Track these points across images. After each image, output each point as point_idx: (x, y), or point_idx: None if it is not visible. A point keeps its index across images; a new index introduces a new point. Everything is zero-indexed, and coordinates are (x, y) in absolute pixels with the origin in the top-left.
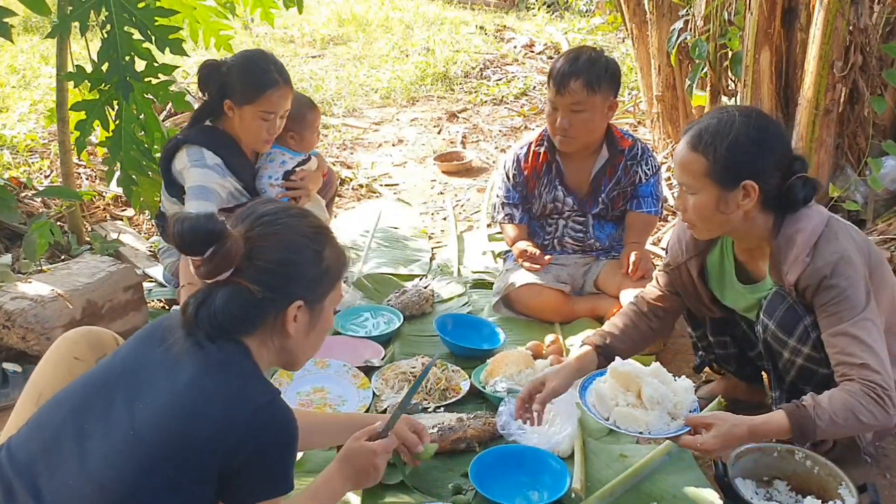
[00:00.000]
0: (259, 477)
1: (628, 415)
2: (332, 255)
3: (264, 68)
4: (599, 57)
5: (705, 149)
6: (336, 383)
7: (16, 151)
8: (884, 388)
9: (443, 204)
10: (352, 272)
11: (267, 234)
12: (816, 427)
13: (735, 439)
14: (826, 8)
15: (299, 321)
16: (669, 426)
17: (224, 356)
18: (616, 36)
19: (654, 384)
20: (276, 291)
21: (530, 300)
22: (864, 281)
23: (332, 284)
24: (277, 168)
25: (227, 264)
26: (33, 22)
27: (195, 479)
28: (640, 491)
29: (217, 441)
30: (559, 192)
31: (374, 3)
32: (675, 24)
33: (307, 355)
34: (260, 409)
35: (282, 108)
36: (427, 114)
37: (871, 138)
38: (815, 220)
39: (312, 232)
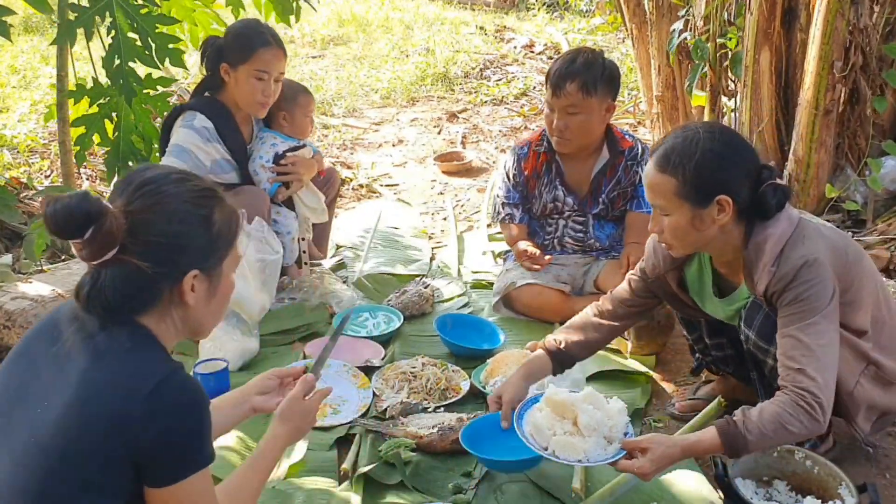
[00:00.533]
0: (173, 456)
1: (567, 443)
2: (223, 218)
3: (257, 30)
4: (597, 59)
5: (674, 169)
6: (336, 383)
7: (16, 151)
8: (815, 396)
9: (443, 204)
10: (352, 272)
11: (148, 205)
12: (747, 442)
13: (669, 460)
14: (826, 8)
15: (197, 290)
16: (606, 451)
17: (114, 343)
18: (616, 36)
19: (590, 411)
20: (167, 265)
21: (530, 300)
22: (831, 282)
23: (227, 248)
24: (268, 149)
25: (110, 243)
26: (33, 22)
27: (104, 475)
28: (640, 491)
29: (116, 432)
30: (559, 192)
31: (374, 4)
32: (675, 24)
33: (213, 322)
34: (156, 390)
35: (275, 69)
36: (427, 114)
37: (871, 138)
38: (783, 226)
39: (197, 197)
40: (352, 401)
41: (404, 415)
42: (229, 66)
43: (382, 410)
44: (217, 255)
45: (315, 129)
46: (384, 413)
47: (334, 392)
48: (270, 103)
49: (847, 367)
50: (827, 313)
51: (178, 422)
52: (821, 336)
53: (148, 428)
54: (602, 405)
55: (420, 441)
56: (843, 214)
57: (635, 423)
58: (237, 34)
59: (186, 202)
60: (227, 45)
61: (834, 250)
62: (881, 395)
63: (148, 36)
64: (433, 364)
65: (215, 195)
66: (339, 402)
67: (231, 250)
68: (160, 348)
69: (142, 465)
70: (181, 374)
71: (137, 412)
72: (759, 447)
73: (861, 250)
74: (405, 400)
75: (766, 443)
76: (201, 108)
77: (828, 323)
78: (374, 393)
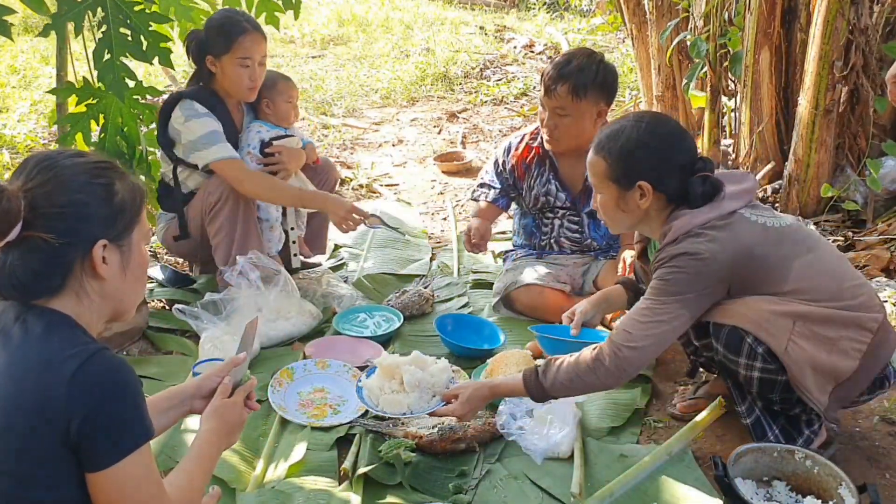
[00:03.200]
0: (107, 436)
1: (393, 400)
2: (125, 188)
3: (235, 19)
4: (592, 63)
5: (604, 152)
6: (336, 383)
7: (16, 151)
8: (619, 349)
9: (443, 204)
10: (352, 272)
11: (46, 180)
12: (544, 388)
13: (479, 400)
14: (826, 8)
15: (109, 261)
16: (430, 403)
17: (29, 333)
18: (616, 36)
19: (412, 370)
20: (72, 235)
21: (530, 300)
22: (706, 280)
23: (133, 218)
24: (255, 137)
25: (11, 221)
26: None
27: (44, 469)
28: (640, 491)
29: (43, 424)
30: (552, 187)
31: (374, 4)
32: (671, 22)
33: (133, 297)
34: (75, 375)
35: (257, 53)
36: (427, 114)
37: (871, 138)
38: (701, 216)
39: (95, 168)
40: (352, 401)
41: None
42: (213, 57)
43: None
44: (123, 225)
45: (316, 126)
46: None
47: (334, 392)
48: (258, 86)
49: (773, 328)
50: (683, 300)
51: (104, 403)
52: (661, 314)
53: (73, 413)
54: (426, 364)
55: (420, 441)
56: (843, 214)
57: (635, 422)
58: (216, 26)
59: (84, 173)
60: (208, 37)
61: (743, 255)
62: (826, 357)
63: (141, 33)
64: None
65: (115, 168)
66: (339, 402)
67: (138, 221)
68: (80, 332)
69: (76, 450)
70: (102, 354)
71: (61, 400)
72: (559, 394)
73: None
74: None
75: (563, 390)
76: (196, 97)
77: (678, 307)
78: None
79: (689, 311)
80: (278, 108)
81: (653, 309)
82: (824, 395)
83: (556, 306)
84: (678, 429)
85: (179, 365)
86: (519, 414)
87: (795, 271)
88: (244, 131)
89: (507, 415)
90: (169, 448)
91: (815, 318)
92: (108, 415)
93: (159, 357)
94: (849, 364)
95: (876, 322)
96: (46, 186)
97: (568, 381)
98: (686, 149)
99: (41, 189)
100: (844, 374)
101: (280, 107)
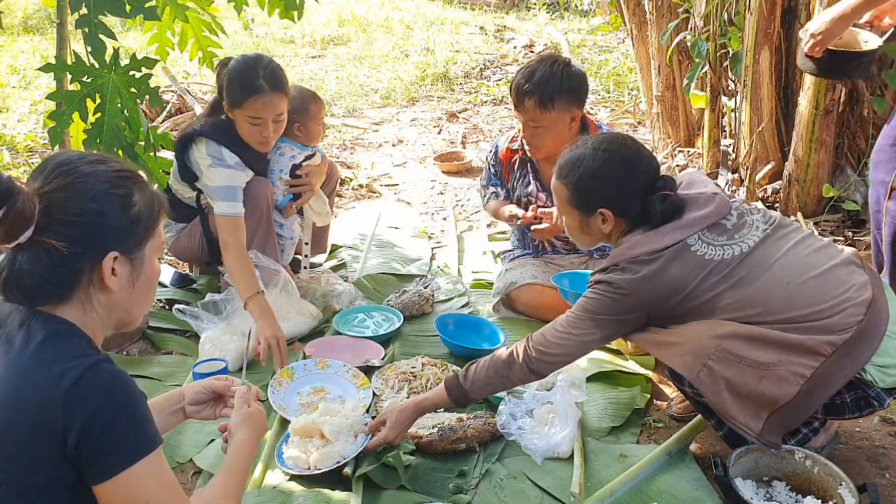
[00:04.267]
0: (106, 449)
1: (324, 455)
2: (143, 200)
3: (252, 75)
4: (555, 71)
5: (564, 179)
6: (336, 383)
7: (15, 151)
8: (525, 355)
9: (443, 204)
10: (352, 272)
11: (64, 185)
12: (466, 391)
13: (406, 420)
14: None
15: (119, 274)
16: (357, 442)
17: (31, 341)
18: (616, 36)
19: (328, 421)
20: (84, 245)
21: (530, 300)
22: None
23: (148, 231)
24: (287, 162)
25: (23, 224)
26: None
27: (42, 480)
28: (640, 491)
29: (41, 436)
30: (532, 188)
31: (374, 4)
32: (672, 22)
33: (139, 309)
34: (72, 389)
35: (270, 114)
36: (427, 114)
37: (870, 139)
38: (636, 249)
39: (115, 177)
40: (351, 400)
41: None
42: (228, 106)
43: None
44: (137, 238)
45: None
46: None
47: (334, 392)
48: (273, 140)
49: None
50: (598, 321)
51: (101, 415)
52: (577, 328)
53: (70, 426)
54: (336, 410)
55: (420, 441)
56: (843, 214)
57: (635, 422)
58: (233, 77)
59: (103, 182)
60: (226, 85)
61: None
62: (754, 383)
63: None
64: (433, 364)
65: (135, 178)
66: (339, 402)
67: (153, 234)
68: (82, 341)
69: (77, 463)
70: (100, 366)
71: (57, 411)
72: (480, 394)
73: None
74: (405, 400)
75: (482, 389)
76: (222, 139)
77: (592, 325)
78: (373, 393)
79: (601, 331)
80: (310, 131)
81: (571, 322)
82: (755, 420)
83: (556, 305)
84: (678, 429)
85: (179, 365)
86: (519, 414)
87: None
88: (273, 152)
89: (507, 415)
90: (168, 448)
91: (747, 337)
92: (105, 427)
93: (159, 357)
94: (786, 391)
95: (832, 346)
96: (63, 192)
97: (486, 378)
98: (644, 170)
99: (57, 194)
100: (780, 400)
101: (312, 129)
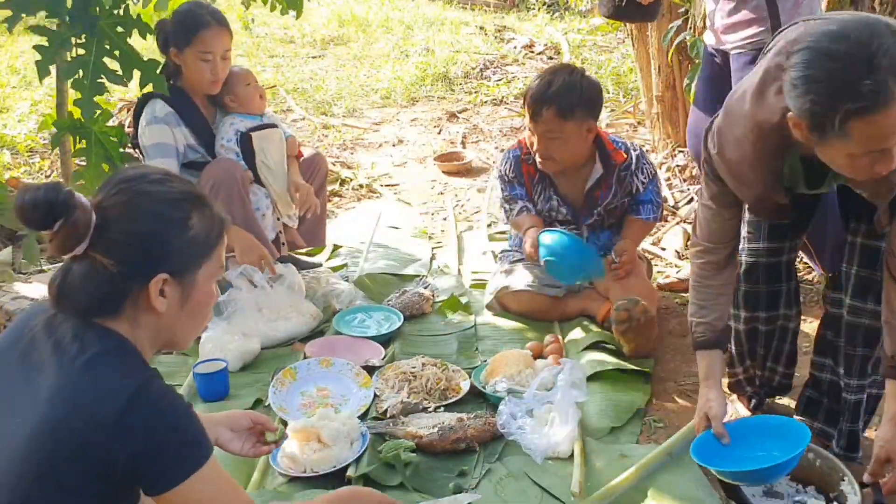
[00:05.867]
0: (161, 466)
1: (320, 458)
2: (202, 223)
3: (198, 12)
4: (575, 82)
5: None
6: (339, 382)
7: (16, 151)
8: None
9: (443, 204)
10: (352, 272)
11: (121, 202)
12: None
13: None
14: (826, 8)
15: (169, 296)
16: (352, 449)
17: (84, 354)
18: (616, 36)
19: (327, 425)
20: (132, 265)
21: (520, 305)
22: None
23: (204, 255)
24: (228, 129)
25: (77, 237)
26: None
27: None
28: (640, 491)
29: (86, 450)
30: (554, 202)
31: (374, 4)
32: (674, 22)
33: (188, 333)
34: (123, 412)
35: (219, 48)
36: (427, 114)
37: None
38: None
39: (174, 198)
40: (353, 400)
41: (404, 415)
42: (177, 50)
43: (383, 411)
44: (191, 262)
45: (316, 126)
46: (384, 413)
47: (336, 391)
48: (222, 79)
49: None
50: None
51: (157, 437)
52: None
53: (120, 449)
54: (332, 416)
55: (420, 441)
56: None
57: (635, 422)
58: (179, 19)
59: (161, 202)
60: (172, 29)
61: None
62: None
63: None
64: (433, 364)
65: (197, 199)
66: (341, 402)
67: (210, 258)
68: (134, 357)
69: (131, 477)
70: (151, 385)
71: (107, 435)
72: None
73: None
74: (405, 400)
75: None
76: (161, 96)
77: None
78: (374, 393)
79: None
80: (239, 96)
81: None
82: None
83: (549, 308)
84: (677, 429)
85: (179, 365)
86: (519, 414)
87: None
88: (218, 126)
89: (507, 415)
90: None
91: None
92: (159, 449)
93: (159, 357)
94: None
95: None
96: (120, 209)
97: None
98: None
99: (114, 210)
100: None
101: (241, 93)
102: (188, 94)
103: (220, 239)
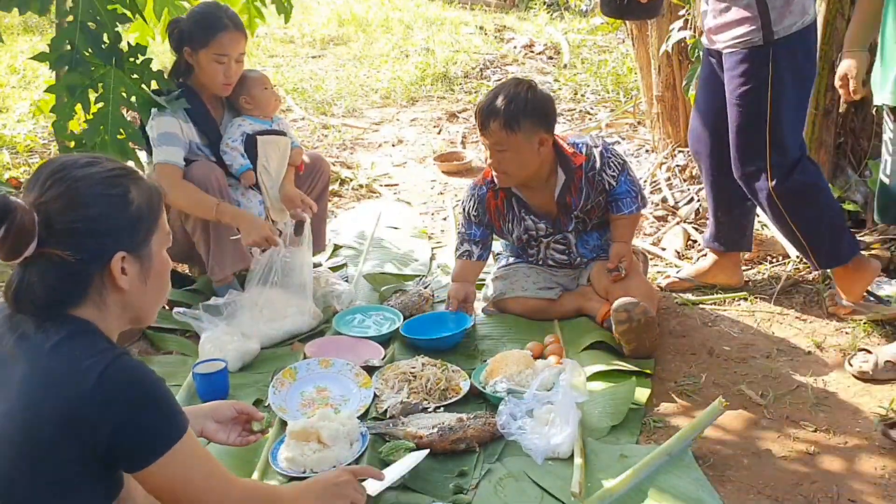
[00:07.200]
0: (140, 439)
1: (321, 458)
2: (141, 195)
3: (216, 15)
4: (520, 93)
5: None
6: (338, 382)
7: (15, 152)
8: None
9: (443, 204)
10: (352, 272)
11: (59, 194)
12: None
13: None
14: (826, 8)
15: (129, 273)
16: (352, 449)
17: (49, 342)
18: (616, 36)
19: (327, 425)
20: (89, 250)
21: (517, 308)
22: None
23: (151, 225)
24: (236, 130)
25: (26, 239)
26: (33, 22)
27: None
28: (640, 491)
29: (67, 433)
30: (529, 222)
31: (374, 4)
32: (675, 23)
33: (153, 305)
34: (98, 384)
35: (235, 51)
36: (427, 114)
37: (872, 139)
38: None
39: (109, 177)
40: (353, 400)
41: (404, 415)
42: (191, 50)
43: (383, 411)
44: (141, 234)
45: (316, 126)
46: (384, 413)
47: (336, 391)
48: (234, 82)
49: None
50: None
51: (133, 410)
52: None
53: (101, 421)
54: (331, 416)
55: (420, 441)
56: None
57: (635, 422)
58: (197, 19)
59: (98, 184)
60: (188, 29)
61: None
62: None
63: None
64: (433, 364)
65: (129, 174)
66: (341, 402)
67: (157, 227)
68: (100, 338)
69: (108, 454)
70: (123, 359)
71: (86, 412)
72: None
73: None
74: (405, 400)
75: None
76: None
77: None
78: (374, 393)
79: None
80: (256, 98)
81: None
82: None
83: (546, 310)
84: (678, 429)
85: (179, 365)
86: (519, 414)
87: None
88: (226, 127)
89: (507, 415)
90: None
91: None
92: (136, 422)
93: (159, 357)
94: None
95: None
96: (60, 200)
97: None
98: None
99: (55, 203)
100: None
101: (258, 95)
102: (197, 93)
103: (161, 207)
